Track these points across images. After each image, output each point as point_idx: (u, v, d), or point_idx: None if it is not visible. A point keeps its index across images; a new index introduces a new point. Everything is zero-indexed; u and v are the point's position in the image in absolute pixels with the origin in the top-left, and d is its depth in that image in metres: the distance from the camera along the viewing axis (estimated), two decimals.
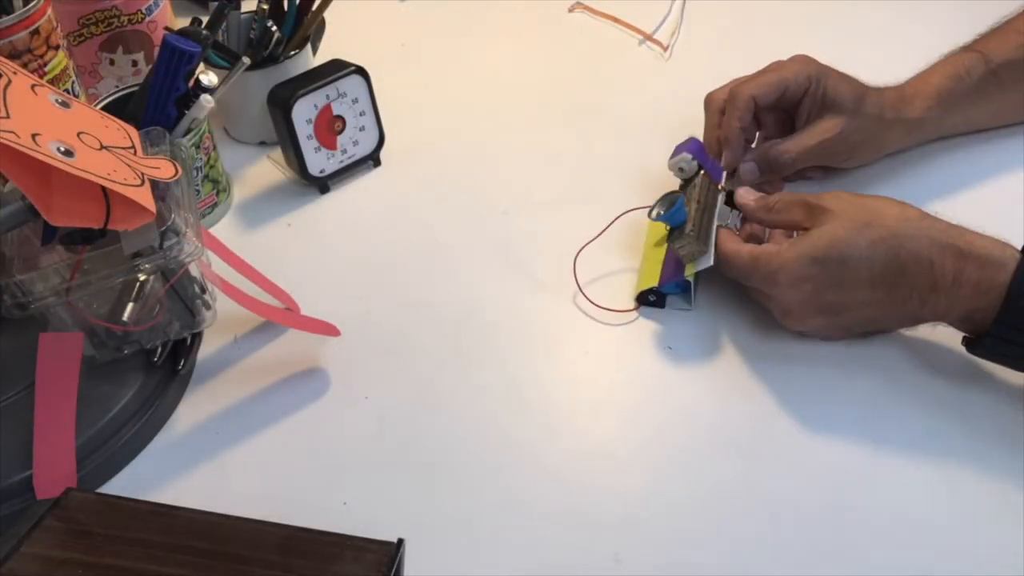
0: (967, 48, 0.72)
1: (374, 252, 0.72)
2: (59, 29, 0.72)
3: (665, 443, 0.56)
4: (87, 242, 0.52)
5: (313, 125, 0.74)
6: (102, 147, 0.50)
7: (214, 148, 0.73)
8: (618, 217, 0.67)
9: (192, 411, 0.60)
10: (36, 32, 0.68)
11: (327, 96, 0.74)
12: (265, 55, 0.77)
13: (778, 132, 0.70)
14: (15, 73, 0.50)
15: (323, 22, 0.83)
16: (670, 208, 0.61)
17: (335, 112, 0.75)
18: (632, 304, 0.64)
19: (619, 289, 0.66)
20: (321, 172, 0.76)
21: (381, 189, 0.78)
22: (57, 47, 0.71)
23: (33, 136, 0.45)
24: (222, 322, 0.63)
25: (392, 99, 0.80)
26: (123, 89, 0.71)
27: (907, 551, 0.49)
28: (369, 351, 0.63)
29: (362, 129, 0.77)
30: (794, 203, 0.59)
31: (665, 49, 0.92)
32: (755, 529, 0.51)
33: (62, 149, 0.46)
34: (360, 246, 0.72)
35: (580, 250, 0.66)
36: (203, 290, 0.60)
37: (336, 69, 0.74)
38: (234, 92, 0.72)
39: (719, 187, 0.66)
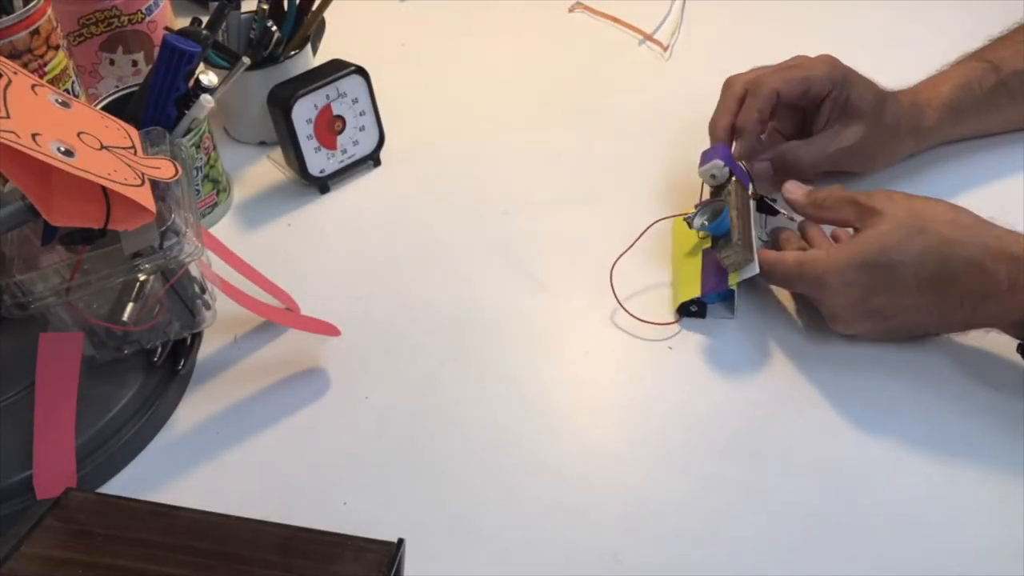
0: (977, 56, 0.72)
1: (374, 252, 0.72)
2: (59, 29, 0.72)
3: (665, 443, 0.56)
4: (87, 242, 0.52)
5: (313, 125, 0.74)
6: (102, 147, 0.50)
7: (214, 148, 0.73)
8: (651, 225, 0.65)
9: (192, 411, 0.60)
10: (36, 32, 0.68)
11: (327, 96, 0.74)
12: (265, 55, 0.77)
13: (791, 126, 0.70)
14: (15, 73, 0.50)
15: (323, 22, 0.83)
16: (715, 218, 0.60)
17: (335, 112, 0.75)
18: (672, 316, 0.63)
19: (651, 300, 0.64)
20: (321, 172, 0.76)
21: (381, 189, 0.78)
22: (57, 47, 0.71)
23: (33, 136, 0.45)
24: (222, 322, 0.63)
25: (392, 99, 0.80)
26: (123, 89, 0.71)
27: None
28: (369, 351, 0.63)
29: (362, 129, 0.77)
30: (844, 200, 0.59)
31: (665, 49, 0.92)
32: (755, 529, 0.51)
33: (62, 149, 0.46)
34: (360, 246, 0.72)
35: (615, 262, 0.64)
36: (203, 290, 0.60)
37: (336, 69, 0.74)
38: (234, 92, 0.72)
39: (750, 193, 0.65)
